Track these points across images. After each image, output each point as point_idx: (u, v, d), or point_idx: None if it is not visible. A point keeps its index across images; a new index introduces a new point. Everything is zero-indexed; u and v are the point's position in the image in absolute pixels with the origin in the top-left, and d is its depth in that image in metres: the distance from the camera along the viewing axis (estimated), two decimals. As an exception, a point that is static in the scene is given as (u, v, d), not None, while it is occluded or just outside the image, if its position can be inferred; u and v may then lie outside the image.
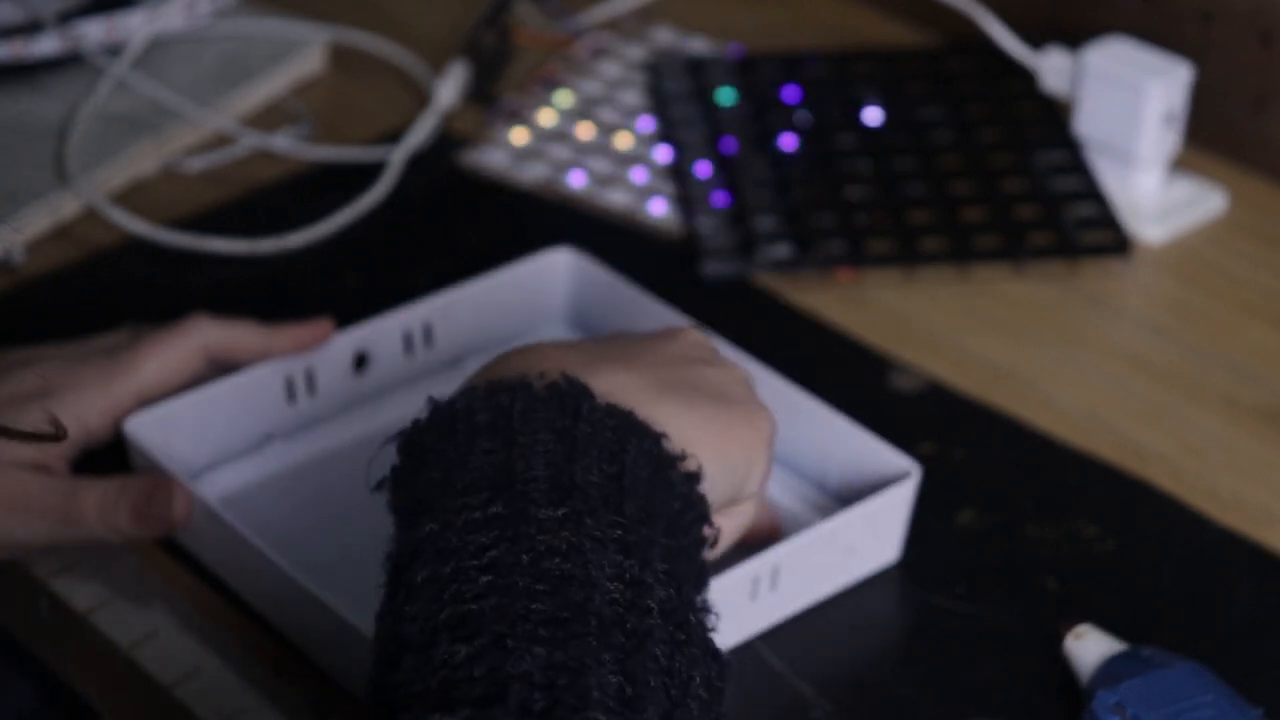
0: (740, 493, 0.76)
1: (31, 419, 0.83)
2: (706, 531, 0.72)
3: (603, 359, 0.74)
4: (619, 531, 0.66)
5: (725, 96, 1.16)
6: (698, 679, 0.64)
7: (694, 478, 0.71)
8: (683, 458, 0.71)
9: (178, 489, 0.83)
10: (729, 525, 0.76)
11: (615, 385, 0.72)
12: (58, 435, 0.72)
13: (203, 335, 0.88)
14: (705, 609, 0.68)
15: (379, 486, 0.71)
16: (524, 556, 0.63)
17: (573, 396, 0.70)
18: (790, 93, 1.16)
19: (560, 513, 0.65)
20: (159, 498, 0.82)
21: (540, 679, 0.60)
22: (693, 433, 0.72)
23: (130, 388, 0.86)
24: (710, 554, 0.73)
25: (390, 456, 0.71)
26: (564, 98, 1.18)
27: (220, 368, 0.89)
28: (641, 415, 0.71)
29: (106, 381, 0.86)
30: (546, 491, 0.66)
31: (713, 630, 0.68)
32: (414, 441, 0.71)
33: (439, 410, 0.70)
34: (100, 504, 0.83)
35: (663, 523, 0.68)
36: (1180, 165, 1.11)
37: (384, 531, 0.70)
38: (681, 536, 0.70)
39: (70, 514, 0.83)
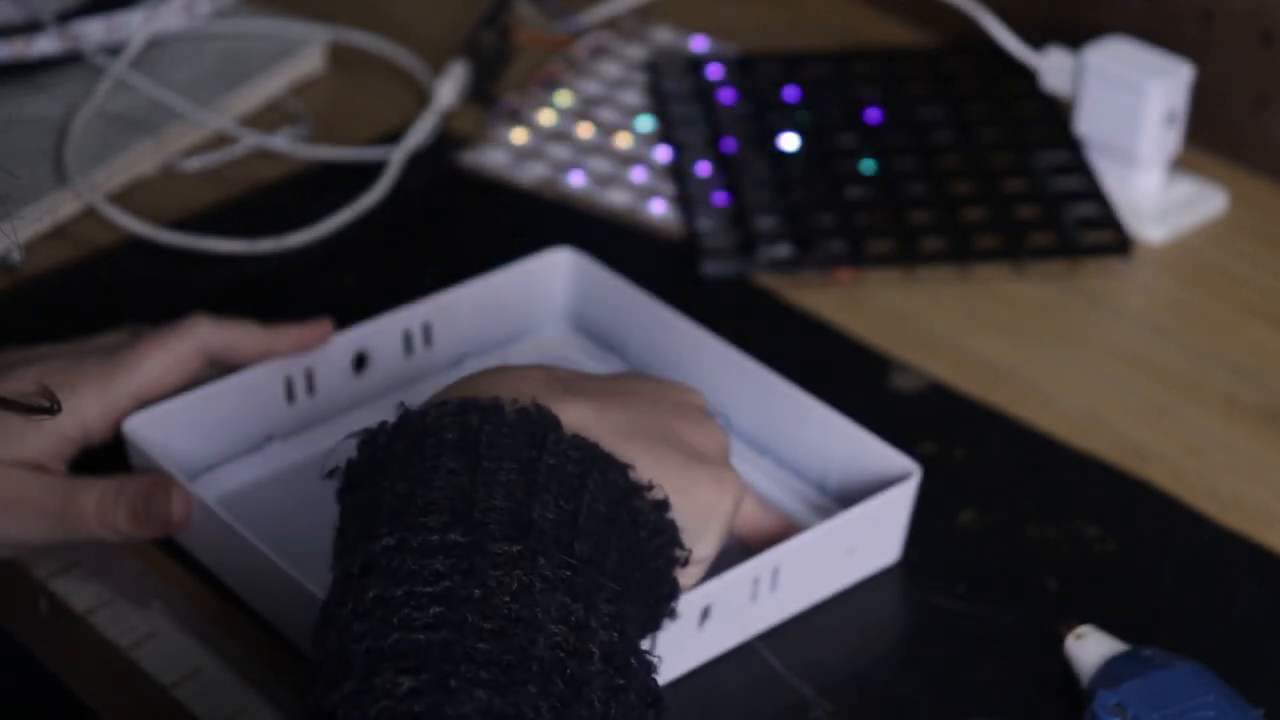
0: (690, 555, 0.74)
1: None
2: (678, 553, 0.72)
3: (578, 394, 0.73)
4: (568, 573, 0.66)
5: (725, 96, 1.16)
6: None
7: (662, 505, 0.71)
8: (650, 487, 0.71)
9: (176, 489, 0.83)
10: None
11: (584, 422, 0.71)
12: (51, 409, 0.71)
13: (202, 335, 0.88)
14: (648, 651, 0.68)
15: (331, 475, 0.72)
16: (476, 591, 0.64)
17: (540, 426, 0.70)
18: (790, 93, 1.16)
19: (515, 549, 0.66)
20: (158, 498, 0.82)
21: None
22: (654, 483, 0.72)
23: (129, 388, 0.86)
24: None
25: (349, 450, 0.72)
26: (564, 98, 1.18)
27: (220, 368, 0.89)
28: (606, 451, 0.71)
29: (105, 381, 0.86)
30: (504, 525, 0.66)
31: (655, 673, 0.68)
32: (378, 444, 0.71)
33: (409, 419, 0.71)
34: (99, 504, 0.83)
35: (616, 557, 0.69)
36: (1180, 165, 1.11)
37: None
38: (649, 562, 0.70)
39: (68, 514, 0.83)
